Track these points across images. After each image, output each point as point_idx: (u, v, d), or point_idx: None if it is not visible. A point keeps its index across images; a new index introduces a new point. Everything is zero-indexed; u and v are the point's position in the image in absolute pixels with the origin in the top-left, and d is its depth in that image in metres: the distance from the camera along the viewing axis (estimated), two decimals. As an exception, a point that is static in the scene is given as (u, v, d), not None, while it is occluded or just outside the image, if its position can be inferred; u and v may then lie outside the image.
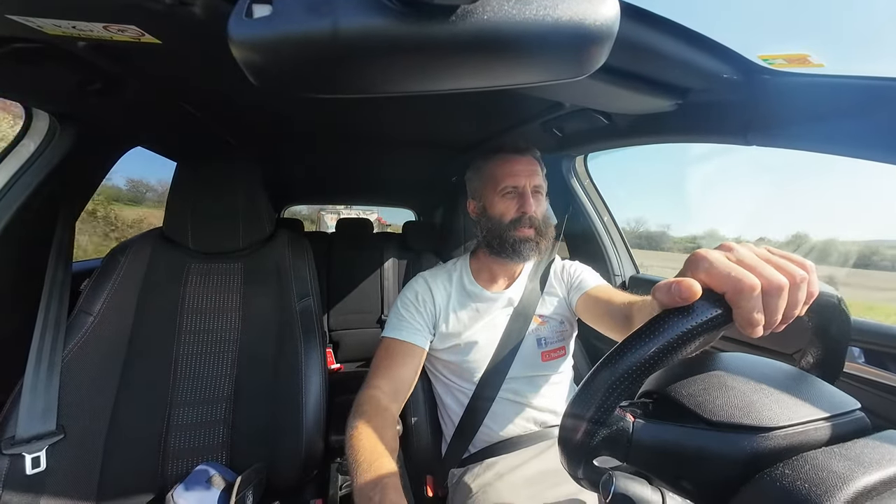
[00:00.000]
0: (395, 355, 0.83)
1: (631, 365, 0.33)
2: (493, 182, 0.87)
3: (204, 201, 0.99)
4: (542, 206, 0.88)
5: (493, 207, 0.87)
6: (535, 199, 0.86)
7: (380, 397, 0.75)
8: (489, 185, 0.88)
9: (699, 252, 0.34)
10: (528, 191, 0.85)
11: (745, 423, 0.32)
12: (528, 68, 0.34)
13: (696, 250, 0.35)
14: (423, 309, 0.88)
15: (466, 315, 0.90)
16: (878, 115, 0.55)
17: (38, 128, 0.87)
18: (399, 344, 0.84)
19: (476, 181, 0.93)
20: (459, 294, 0.92)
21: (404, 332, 0.85)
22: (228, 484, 0.81)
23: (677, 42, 0.57)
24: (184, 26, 0.52)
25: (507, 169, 0.86)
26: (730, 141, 0.76)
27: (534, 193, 0.86)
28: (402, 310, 0.89)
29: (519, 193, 0.85)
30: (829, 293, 0.37)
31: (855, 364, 0.71)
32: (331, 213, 6.99)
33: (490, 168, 0.89)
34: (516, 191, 0.86)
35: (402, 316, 0.88)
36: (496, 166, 0.88)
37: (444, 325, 0.88)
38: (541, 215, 0.86)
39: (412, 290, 0.92)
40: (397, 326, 0.86)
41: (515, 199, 0.85)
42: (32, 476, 0.73)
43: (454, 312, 0.89)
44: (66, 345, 0.82)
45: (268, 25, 0.28)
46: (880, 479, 0.27)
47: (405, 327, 0.86)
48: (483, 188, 0.90)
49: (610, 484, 0.34)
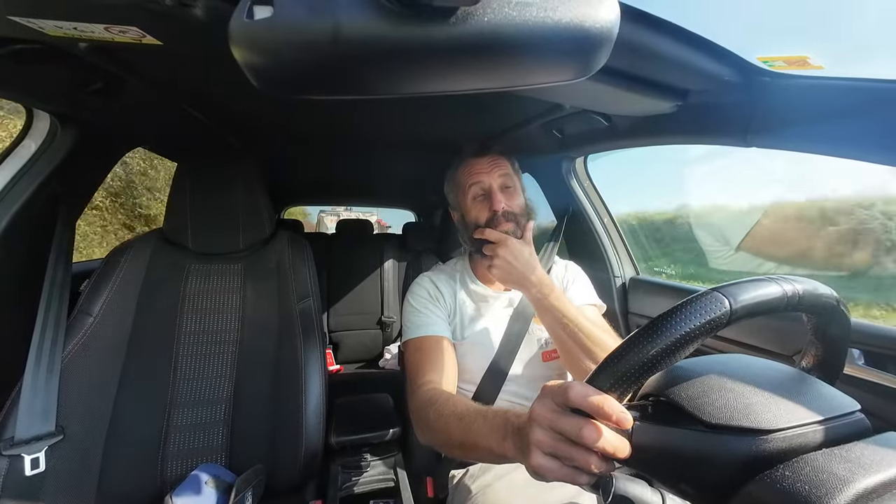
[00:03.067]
0: (429, 351, 0.81)
1: (631, 366, 0.33)
2: (462, 189, 0.89)
3: (204, 202, 0.99)
4: (517, 199, 0.87)
5: (469, 214, 0.88)
6: (506, 194, 0.86)
7: (436, 386, 0.73)
8: (460, 194, 0.90)
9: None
10: (495, 188, 0.86)
11: (745, 425, 0.32)
12: (528, 70, 0.34)
13: None
14: (438, 303, 0.89)
15: (470, 313, 0.90)
16: (878, 117, 0.55)
17: (38, 128, 0.87)
18: (427, 339, 0.83)
19: (451, 192, 0.95)
20: (463, 292, 0.92)
21: (428, 327, 0.84)
22: (228, 485, 0.81)
23: (677, 44, 0.57)
24: (185, 28, 0.52)
25: (470, 171, 0.88)
26: (729, 142, 0.76)
27: (502, 189, 0.86)
28: (418, 308, 0.88)
29: (486, 194, 0.86)
30: (829, 294, 0.37)
31: (855, 366, 0.71)
32: (331, 214, 7.03)
33: (458, 177, 0.91)
34: (484, 191, 0.86)
35: (420, 313, 0.87)
36: (461, 173, 0.90)
37: (453, 321, 0.88)
38: (516, 207, 0.86)
39: (421, 287, 0.91)
40: (418, 324, 0.85)
41: (486, 200, 0.86)
42: (31, 477, 0.73)
43: (460, 309, 0.90)
44: (65, 345, 0.82)
45: (268, 27, 0.28)
46: (880, 481, 0.27)
47: (427, 323, 0.85)
48: (457, 197, 0.92)
49: (609, 486, 0.34)
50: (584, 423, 0.35)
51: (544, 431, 0.38)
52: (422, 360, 0.80)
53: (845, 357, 0.41)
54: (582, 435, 0.35)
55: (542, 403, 0.39)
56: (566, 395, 0.36)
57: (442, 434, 0.63)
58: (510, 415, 0.50)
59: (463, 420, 0.58)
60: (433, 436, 0.66)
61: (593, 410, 0.35)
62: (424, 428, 0.68)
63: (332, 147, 1.51)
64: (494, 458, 0.51)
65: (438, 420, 0.63)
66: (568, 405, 0.37)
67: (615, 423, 0.34)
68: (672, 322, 0.32)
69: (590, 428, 0.34)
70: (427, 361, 0.79)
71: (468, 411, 0.59)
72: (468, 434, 0.55)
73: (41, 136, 0.87)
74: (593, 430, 0.34)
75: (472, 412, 0.58)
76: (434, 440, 0.67)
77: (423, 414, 0.68)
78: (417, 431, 0.72)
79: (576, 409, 0.36)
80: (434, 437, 0.66)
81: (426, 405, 0.68)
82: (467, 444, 0.56)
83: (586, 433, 0.34)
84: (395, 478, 1.00)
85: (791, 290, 0.34)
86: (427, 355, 0.80)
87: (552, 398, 0.38)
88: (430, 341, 0.83)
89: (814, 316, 0.38)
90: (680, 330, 0.32)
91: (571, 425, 0.36)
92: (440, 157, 1.64)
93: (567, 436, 0.36)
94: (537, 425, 0.39)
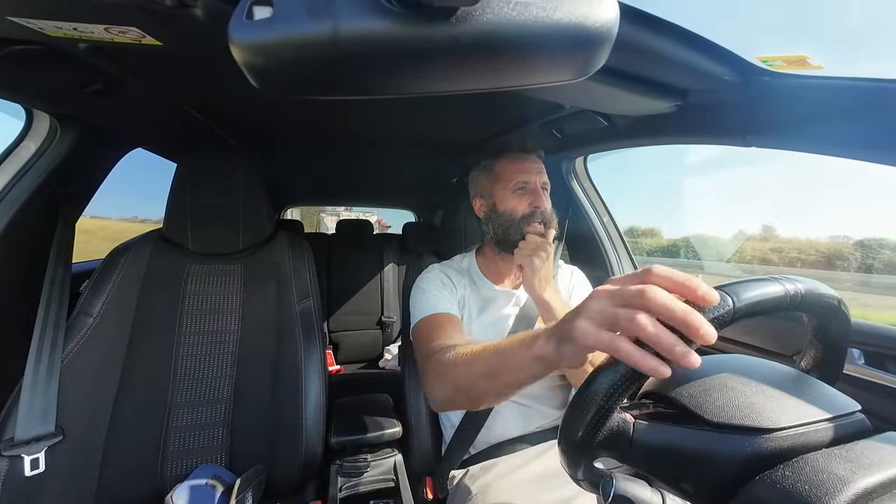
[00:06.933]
0: (442, 324, 0.78)
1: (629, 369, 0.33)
2: (503, 179, 0.89)
3: (204, 203, 0.99)
4: (549, 203, 0.90)
5: (504, 203, 0.88)
6: (544, 196, 0.89)
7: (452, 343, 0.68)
8: (499, 183, 0.90)
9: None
10: (539, 187, 0.88)
11: (746, 424, 0.32)
12: (528, 70, 0.34)
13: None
14: (449, 290, 0.89)
15: (476, 309, 0.90)
16: (877, 117, 0.55)
17: (38, 128, 0.87)
18: (440, 315, 0.80)
19: (484, 179, 0.94)
20: (471, 286, 0.92)
21: (441, 306, 0.82)
22: (228, 485, 0.81)
23: (677, 44, 0.57)
24: (185, 28, 0.52)
25: (518, 166, 0.89)
26: (729, 142, 0.76)
27: (542, 190, 0.89)
28: (430, 290, 0.86)
29: (530, 190, 0.88)
30: (829, 295, 0.37)
31: (855, 366, 0.71)
32: (331, 214, 7.03)
33: (500, 166, 0.91)
34: (527, 187, 0.88)
35: (432, 295, 0.85)
36: (506, 164, 0.90)
37: (461, 314, 0.88)
38: (549, 210, 0.89)
39: (433, 275, 0.91)
40: (430, 303, 0.83)
41: (527, 195, 0.87)
42: (31, 478, 0.73)
43: (468, 304, 0.90)
44: (65, 346, 0.82)
45: (268, 27, 0.28)
46: (880, 480, 0.27)
47: (440, 303, 0.83)
48: (492, 186, 0.91)
49: (610, 485, 0.34)
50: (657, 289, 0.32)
51: (605, 301, 0.35)
52: (434, 332, 0.76)
53: (845, 358, 0.41)
54: (657, 299, 0.31)
55: (600, 288, 0.37)
56: (648, 274, 0.33)
57: (462, 369, 0.60)
58: (539, 328, 0.48)
59: (486, 349, 0.56)
60: (452, 377, 0.62)
61: (678, 285, 0.32)
62: (442, 375, 0.64)
63: (333, 147, 1.51)
64: (525, 370, 0.48)
65: (458, 358, 0.61)
66: (647, 281, 0.33)
67: (700, 299, 0.32)
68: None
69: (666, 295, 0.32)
70: (441, 332, 0.76)
71: (489, 343, 0.57)
72: (492, 358, 0.54)
73: (41, 136, 0.87)
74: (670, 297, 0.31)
75: (494, 342, 0.56)
76: (454, 382, 0.62)
77: (440, 360, 0.65)
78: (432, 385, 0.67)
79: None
80: (453, 379, 0.62)
81: (442, 353, 0.66)
82: (491, 369, 0.54)
83: (660, 297, 0.31)
84: (395, 478, 1.00)
85: (793, 289, 0.34)
86: (439, 329, 0.77)
87: (615, 282, 0.36)
88: (443, 317, 0.80)
89: (814, 316, 0.39)
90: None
91: (639, 291, 0.32)
92: (440, 157, 1.66)
93: (634, 301, 0.33)
94: (597, 297, 0.36)
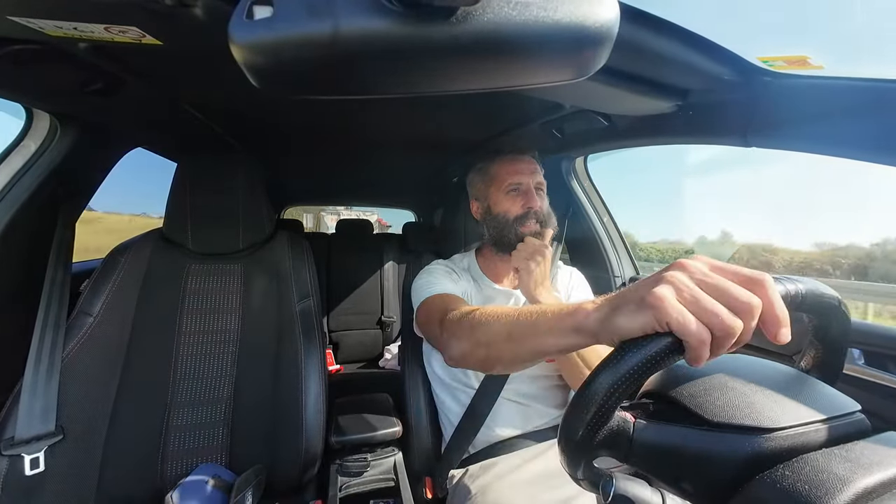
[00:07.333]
0: (453, 300, 0.76)
1: (632, 367, 0.33)
2: (497, 181, 0.90)
3: (204, 202, 0.99)
4: (545, 203, 0.91)
5: (498, 205, 0.89)
6: (539, 196, 0.89)
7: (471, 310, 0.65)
8: (493, 185, 0.91)
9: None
10: (532, 187, 0.89)
11: (746, 423, 0.32)
12: (528, 70, 0.34)
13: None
14: (454, 280, 0.89)
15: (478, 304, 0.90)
16: (878, 117, 0.55)
17: (38, 128, 0.87)
18: (448, 295, 0.79)
19: (479, 182, 0.95)
20: (472, 283, 0.93)
21: (448, 288, 0.82)
22: (228, 485, 0.81)
23: (677, 44, 0.57)
24: (185, 28, 0.52)
25: (511, 167, 0.90)
26: (729, 142, 0.76)
27: (536, 190, 0.90)
28: (435, 276, 0.87)
29: (523, 191, 0.88)
30: (830, 295, 0.37)
31: (855, 366, 0.71)
32: (331, 213, 7.04)
33: (494, 168, 0.92)
34: (520, 188, 0.89)
35: (439, 279, 0.85)
36: (500, 166, 0.91)
37: None
38: (544, 209, 0.89)
39: (438, 266, 0.92)
40: (438, 285, 0.83)
41: (520, 196, 0.88)
42: (31, 477, 0.73)
43: (470, 298, 0.90)
44: (65, 345, 0.82)
45: (268, 27, 0.28)
46: (880, 480, 0.27)
47: (445, 286, 0.83)
48: (487, 188, 0.92)
49: (610, 485, 0.34)
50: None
51: (689, 281, 0.33)
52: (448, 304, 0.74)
53: (845, 358, 0.41)
54: (744, 297, 0.31)
55: (684, 262, 0.35)
56: (763, 287, 0.32)
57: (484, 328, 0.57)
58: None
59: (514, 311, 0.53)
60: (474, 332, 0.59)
61: (758, 284, 0.31)
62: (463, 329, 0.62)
63: (333, 147, 1.51)
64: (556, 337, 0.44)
65: (481, 317, 0.59)
66: (759, 294, 0.32)
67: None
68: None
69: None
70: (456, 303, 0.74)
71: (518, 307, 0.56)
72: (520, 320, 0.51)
73: (41, 136, 0.87)
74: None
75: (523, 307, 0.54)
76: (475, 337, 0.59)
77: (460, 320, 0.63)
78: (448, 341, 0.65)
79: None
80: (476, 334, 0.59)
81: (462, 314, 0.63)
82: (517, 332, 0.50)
83: (746, 296, 0.31)
84: (395, 478, 1.00)
85: (794, 289, 0.34)
86: (453, 302, 0.75)
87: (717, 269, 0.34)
88: (451, 297, 0.79)
89: (815, 316, 0.38)
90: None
91: (731, 284, 0.32)
92: (440, 156, 1.65)
93: (722, 290, 0.32)
94: (682, 269, 0.34)
